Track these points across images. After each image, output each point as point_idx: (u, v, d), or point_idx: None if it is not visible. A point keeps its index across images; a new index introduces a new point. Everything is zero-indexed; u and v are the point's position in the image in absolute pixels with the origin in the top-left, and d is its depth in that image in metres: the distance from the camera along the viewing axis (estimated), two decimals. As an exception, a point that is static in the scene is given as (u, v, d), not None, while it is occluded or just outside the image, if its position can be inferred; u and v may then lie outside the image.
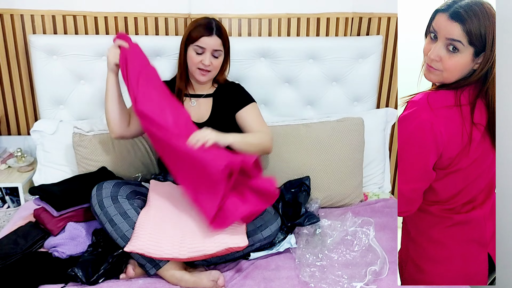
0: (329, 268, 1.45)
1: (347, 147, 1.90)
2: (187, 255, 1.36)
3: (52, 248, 1.51)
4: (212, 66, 1.67)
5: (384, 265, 1.47)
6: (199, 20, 1.69)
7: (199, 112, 1.75)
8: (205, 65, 1.65)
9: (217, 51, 1.66)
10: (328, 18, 2.12)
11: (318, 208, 1.79)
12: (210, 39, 1.64)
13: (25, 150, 2.13)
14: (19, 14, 2.00)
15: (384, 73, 2.26)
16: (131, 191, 1.55)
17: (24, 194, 1.92)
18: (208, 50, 1.65)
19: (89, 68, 1.95)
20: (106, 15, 2.01)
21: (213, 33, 1.64)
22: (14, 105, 2.14)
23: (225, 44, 1.69)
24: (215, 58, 1.67)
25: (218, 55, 1.68)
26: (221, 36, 1.66)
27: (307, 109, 2.15)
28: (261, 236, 1.49)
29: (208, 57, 1.65)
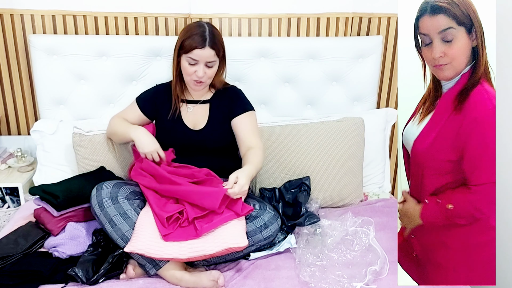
0: (329, 268, 1.45)
1: (347, 147, 1.90)
2: (187, 255, 1.36)
3: (52, 248, 1.51)
4: (206, 76, 1.65)
5: (384, 265, 1.47)
6: (192, 28, 1.63)
7: (196, 118, 1.74)
8: (199, 76, 1.63)
9: (210, 62, 1.63)
10: (328, 18, 2.12)
11: (318, 208, 1.79)
12: (203, 52, 1.59)
13: (25, 150, 2.13)
14: (19, 14, 1.99)
15: (384, 73, 2.26)
16: (130, 192, 1.55)
17: (24, 194, 1.92)
18: (202, 62, 1.62)
19: (89, 68, 1.95)
20: (106, 15, 2.01)
21: (206, 45, 1.59)
22: (14, 105, 2.14)
23: (219, 53, 1.64)
24: (209, 68, 1.64)
25: (212, 65, 1.64)
26: (215, 47, 1.61)
27: (307, 109, 2.15)
28: (261, 236, 1.49)
29: (202, 69, 1.62)
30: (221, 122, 1.73)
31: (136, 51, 1.94)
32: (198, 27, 1.63)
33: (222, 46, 1.67)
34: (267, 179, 1.87)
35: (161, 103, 1.76)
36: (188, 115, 1.74)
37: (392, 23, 2.16)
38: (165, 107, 1.74)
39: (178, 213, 1.45)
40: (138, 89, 1.97)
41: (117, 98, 2.01)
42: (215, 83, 1.76)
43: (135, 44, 1.95)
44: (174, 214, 1.43)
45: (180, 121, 1.72)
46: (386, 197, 2.00)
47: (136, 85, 2.00)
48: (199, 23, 1.65)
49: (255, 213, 1.52)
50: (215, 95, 1.78)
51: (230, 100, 1.76)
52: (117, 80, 1.98)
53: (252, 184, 1.88)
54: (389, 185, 2.13)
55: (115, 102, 2.02)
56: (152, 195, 1.51)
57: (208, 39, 1.59)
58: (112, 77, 1.97)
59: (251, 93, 1.84)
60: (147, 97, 1.79)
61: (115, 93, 2.01)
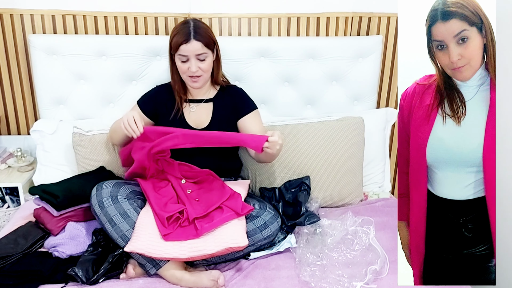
0: (329, 268, 1.45)
1: (347, 147, 1.90)
2: (187, 254, 1.36)
3: (52, 248, 1.51)
4: (201, 70, 1.65)
5: (385, 264, 1.48)
6: (178, 27, 1.65)
7: (199, 117, 1.74)
8: (193, 71, 1.63)
9: (200, 54, 1.62)
10: (328, 18, 2.12)
11: (318, 207, 1.79)
12: (190, 45, 1.60)
13: (25, 150, 2.13)
14: (19, 14, 1.99)
15: (384, 73, 2.26)
16: (131, 191, 1.55)
17: (24, 194, 1.92)
18: (191, 57, 1.62)
19: (89, 68, 1.95)
20: (106, 15, 2.01)
21: (191, 38, 1.59)
22: (14, 105, 2.14)
23: (209, 45, 1.64)
24: (202, 61, 1.64)
25: (204, 58, 1.64)
26: (201, 39, 1.61)
27: (307, 108, 2.15)
28: (261, 236, 1.49)
29: (194, 63, 1.62)
30: (224, 121, 1.73)
31: (136, 51, 1.94)
32: (182, 24, 1.65)
33: (211, 38, 1.66)
34: (267, 179, 1.87)
35: (163, 103, 1.76)
36: (191, 114, 1.74)
37: (392, 23, 2.16)
38: (167, 107, 1.74)
39: (178, 213, 1.45)
40: (138, 89, 1.98)
41: (117, 98, 2.01)
42: (216, 78, 1.76)
43: (135, 44, 1.95)
44: (174, 214, 1.43)
45: (182, 121, 1.72)
46: (386, 197, 2.00)
47: (136, 85, 2.00)
48: (184, 21, 1.67)
49: (255, 212, 1.53)
50: (218, 94, 1.78)
51: (232, 99, 1.76)
52: (117, 80, 1.98)
53: (252, 184, 1.88)
54: (389, 185, 2.13)
55: (115, 102, 2.02)
56: (153, 195, 1.51)
57: (192, 33, 1.60)
58: (112, 77, 1.97)
59: (251, 93, 1.84)
60: (148, 99, 1.79)
61: (115, 93, 2.00)
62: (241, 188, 1.62)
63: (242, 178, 1.86)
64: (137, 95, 1.83)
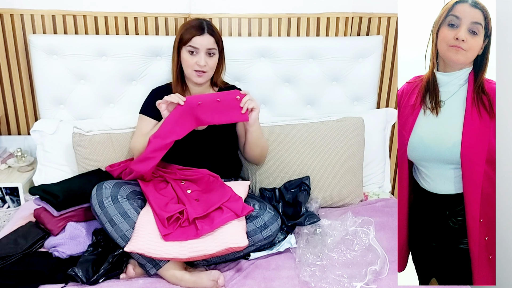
0: (329, 268, 1.45)
1: (347, 147, 1.90)
2: (187, 255, 1.36)
3: (52, 248, 1.51)
4: (208, 66, 1.66)
5: (385, 264, 1.47)
6: (190, 21, 1.69)
7: None
8: (201, 65, 1.64)
9: (211, 49, 1.66)
10: (328, 18, 2.12)
11: (318, 207, 1.79)
12: (202, 39, 1.63)
13: (25, 150, 2.13)
14: (19, 14, 1.99)
15: (384, 73, 2.26)
16: (131, 191, 1.55)
17: (24, 194, 1.92)
18: (202, 50, 1.64)
19: (89, 68, 1.95)
20: (106, 15, 2.01)
21: (205, 32, 1.64)
22: (14, 105, 2.14)
23: (219, 43, 1.68)
24: (210, 57, 1.67)
25: (213, 54, 1.67)
26: (214, 35, 1.66)
27: (307, 109, 2.15)
28: (261, 236, 1.49)
29: (203, 57, 1.65)
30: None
31: (136, 51, 1.94)
32: (195, 20, 1.69)
33: (221, 39, 1.70)
34: (267, 179, 1.87)
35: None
36: None
37: (392, 23, 2.16)
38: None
39: (178, 213, 1.45)
40: (138, 89, 1.98)
41: (117, 98, 2.01)
42: (216, 81, 1.77)
43: (135, 44, 1.95)
44: (174, 214, 1.44)
45: None
46: (386, 197, 2.00)
47: (136, 85, 2.00)
48: (196, 19, 1.71)
49: (255, 213, 1.52)
50: None
51: None
52: (117, 80, 1.98)
53: (252, 184, 1.88)
54: (389, 185, 2.13)
55: (115, 102, 2.02)
56: (153, 195, 1.51)
57: (206, 28, 1.65)
58: (112, 77, 1.97)
59: (251, 93, 1.83)
60: (149, 104, 1.76)
61: (115, 93, 2.00)
62: (241, 188, 1.61)
63: (242, 179, 1.86)
64: (137, 95, 1.83)
